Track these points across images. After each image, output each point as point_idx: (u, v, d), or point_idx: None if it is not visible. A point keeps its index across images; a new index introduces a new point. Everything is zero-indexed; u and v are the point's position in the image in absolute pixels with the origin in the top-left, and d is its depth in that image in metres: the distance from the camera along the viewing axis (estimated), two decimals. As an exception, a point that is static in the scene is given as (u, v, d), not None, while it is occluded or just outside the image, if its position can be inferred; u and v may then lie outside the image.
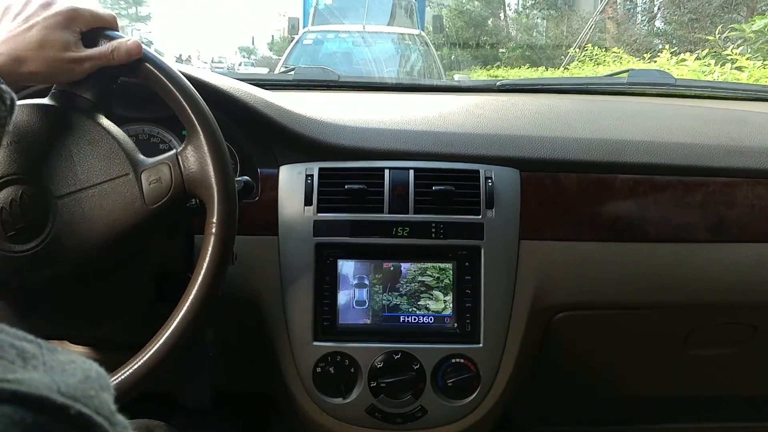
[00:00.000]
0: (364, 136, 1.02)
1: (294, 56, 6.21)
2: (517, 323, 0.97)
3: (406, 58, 6.80)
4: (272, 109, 0.99)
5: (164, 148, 1.07)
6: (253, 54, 24.47)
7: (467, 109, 1.15)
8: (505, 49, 13.34)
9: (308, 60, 6.01)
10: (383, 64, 6.04)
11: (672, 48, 6.26)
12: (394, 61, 6.63)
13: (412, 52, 6.78)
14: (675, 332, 1.08)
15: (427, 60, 6.64)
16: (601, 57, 7.71)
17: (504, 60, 12.37)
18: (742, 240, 1.02)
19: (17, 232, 0.75)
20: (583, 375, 1.14)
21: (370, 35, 6.67)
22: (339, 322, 0.96)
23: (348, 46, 6.63)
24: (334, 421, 0.97)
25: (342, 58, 6.30)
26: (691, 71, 4.47)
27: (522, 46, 13.17)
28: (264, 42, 25.30)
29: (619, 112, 1.19)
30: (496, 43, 13.98)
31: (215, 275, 0.76)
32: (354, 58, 6.25)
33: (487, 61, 12.28)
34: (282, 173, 0.99)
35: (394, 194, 0.97)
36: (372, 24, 7.04)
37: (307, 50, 6.38)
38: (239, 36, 48.68)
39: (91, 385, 0.29)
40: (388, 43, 6.86)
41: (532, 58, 11.63)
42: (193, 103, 0.77)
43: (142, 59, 0.77)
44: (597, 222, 1.00)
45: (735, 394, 1.22)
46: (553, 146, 1.01)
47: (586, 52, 8.00)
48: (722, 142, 1.05)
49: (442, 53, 7.51)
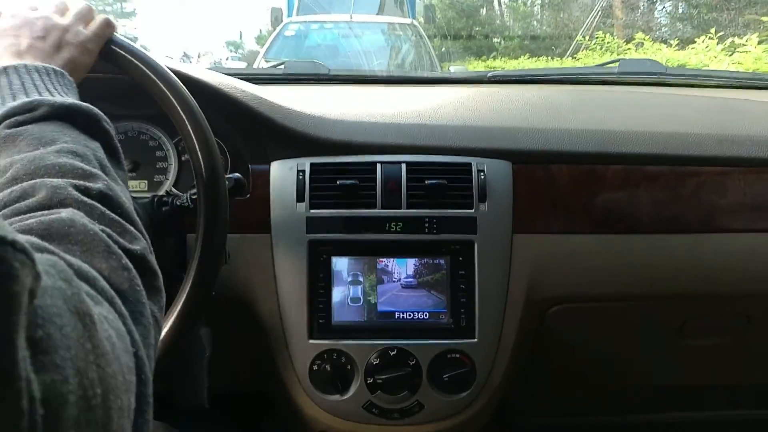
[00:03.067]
0: (355, 130, 1.01)
1: (275, 49, 5.72)
2: (512, 317, 0.97)
3: (397, 50, 6.38)
4: (262, 104, 0.98)
5: (153, 145, 1.06)
6: (241, 48, 24.27)
7: (458, 101, 1.15)
8: (501, 38, 12.90)
9: (290, 53, 5.57)
10: (373, 56, 5.65)
11: (710, 33, 5.38)
12: (385, 52, 6.23)
13: (404, 43, 6.36)
14: (669, 323, 1.08)
15: (420, 51, 6.23)
16: (613, 44, 7.16)
17: (500, 50, 11.94)
18: (734, 230, 1.02)
19: None
20: (578, 367, 1.15)
21: (358, 25, 6.21)
22: (334, 319, 0.96)
23: (334, 37, 6.13)
24: (332, 417, 0.97)
25: (327, 51, 5.78)
26: (756, 59, 3.99)
27: (520, 35, 12.70)
28: (252, 36, 25.09)
29: (610, 102, 1.19)
30: (491, 32, 13.51)
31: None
32: (341, 50, 5.77)
33: (480, 52, 11.88)
34: (273, 169, 0.98)
35: (386, 189, 0.96)
36: (360, 14, 6.59)
37: (289, 42, 5.91)
38: (226, 30, 48.37)
39: None
40: (377, 33, 6.42)
41: (531, 48, 11.15)
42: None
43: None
44: (589, 214, 1.00)
45: (730, 383, 1.23)
46: (545, 138, 1.01)
47: (598, 40, 7.46)
48: (714, 131, 1.05)
49: (433, 45, 7.18)
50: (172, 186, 1.05)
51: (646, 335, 1.11)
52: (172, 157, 1.05)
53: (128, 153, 1.04)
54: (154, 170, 1.06)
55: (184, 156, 1.05)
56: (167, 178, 1.05)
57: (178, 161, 1.05)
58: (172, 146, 1.05)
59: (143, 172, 1.05)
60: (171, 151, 1.05)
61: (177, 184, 1.05)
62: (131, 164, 1.04)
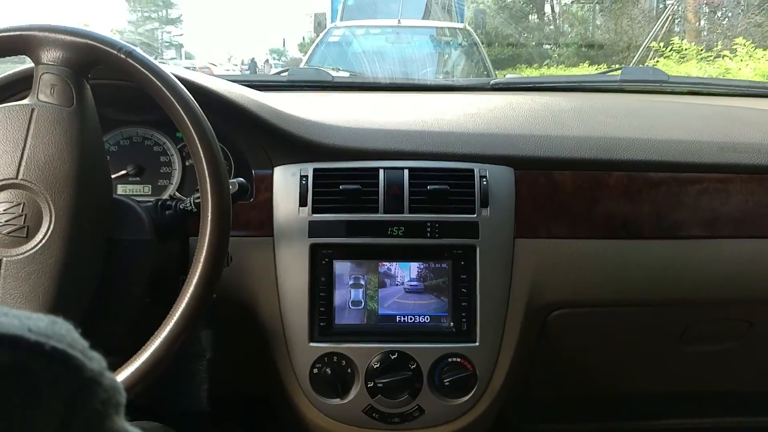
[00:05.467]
0: (358, 137, 1.02)
1: (318, 56, 5.22)
2: (513, 322, 0.97)
3: (449, 56, 5.88)
4: (265, 111, 0.98)
5: (158, 150, 1.07)
6: (284, 56, 24.27)
7: (461, 108, 1.16)
8: (554, 45, 12.03)
9: (334, 60, 5.01)
10: (422, 64, 5.24)
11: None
12: (435, 59, 5.73)
13: (455, 49, 5.87)
14: (671, 328, 1.08)
15: (473, 58, 5.72)
16: (691, 51, 6.42)
17: (554, 57, 11.15)
18: (736, 236, 1.02)
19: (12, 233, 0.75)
20: (579, 372, 1.15)
21: (406, 30, 5.70)
22: (335, 322, 0.96)
23: (381, 43, 5.62)
24: (332, 421, 0.97)
25: (373, 58, 5.25)
26: None
27: (576, 42, 11.71)
28: (295, 43, 25.05)
29: (612, 110, 1.19)
30: (543, 39, 12.61)
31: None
32: (388, 56, 5.25)
33: (531, 60, 11.08)
34: (276, 174, 0.99)
35: (388, 194, 0.97)
36: (407, 18, 5.99)
37: (332, 49, 5.39)
38: (270, 38, 48.13)
39: (60, 326, 0.29)
40: (427, 39, 5.91)
41: (590, 55, 10.29)
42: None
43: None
44: (591, 219, 1.00)
45: (731, 389, 1.22)
46: (547, 144, 1.02)
47: (675, 46, 6.65)
48: (715, 139, 1.06)
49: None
50: (176, 190, 1.06)
51: (648, 341, 1.11)
52: (176, 162, 1.06)
53: (133, 158, 1.06)
54: (158, 175, 1.07)
55: (188, 161, 1.06)
56: (171, 182, 1.06)
57: (183, 166, 1.06)
58: (177, 151, 1.06)
59: (147, 177, 1.06)
60: (175, 156, 1.06)
61: (181, 188, 1.06)
62: (135, 169, 1.06)
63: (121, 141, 1.07)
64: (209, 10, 51.82)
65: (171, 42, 29.80)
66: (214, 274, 0.76)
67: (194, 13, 52.50)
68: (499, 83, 1.46)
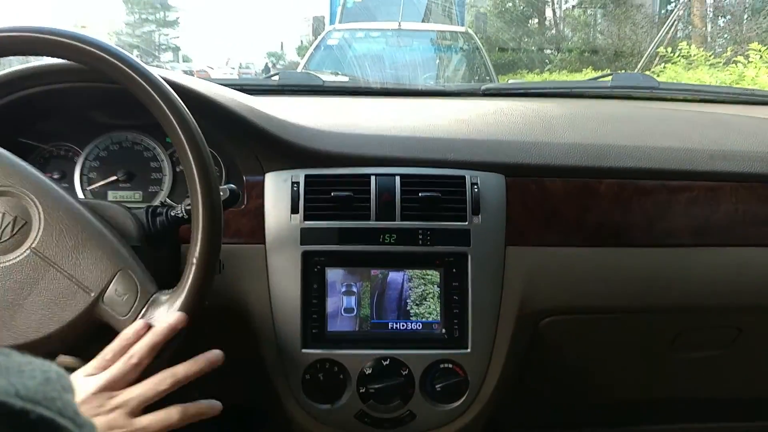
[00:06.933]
0: (350, 143, 1.02)
1: (316, 59, 5.16)
2: (505, 328, 0.98)
3: (449, 60, 5.80)
4: (256, 116, 0.98)
5: (148, 155, 1.06)
6: (281, 59, 24.18)
7: (453, 114, 1.16)
8: (556, 50, 11.79)
9: (332, 64, 4.97)
10: (424, 68, 5.19)
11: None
12: (437, 63, 5.67)
13: (457, 53, 5.82)
14: (661, 335, 1.09)
15: (474, 63, 5.67)
16: (699, 57, 6.23)
17: (556, 62, 10.98)
18: (725, 244, 1.03)
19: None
20: (570, 379, 1.15)
21: (407, 34, 5.65)
22: (327, 329, 0.96)
23: (380, 46, 5.56)
24: (324, 427, 0.97)
25: (374, 61, 5.10)
26: None
27: (579, 47, 11.54)
28: (293, 47, 24.96)
29: (603, 116, 1.20)
30: (544, 43, 12.40)
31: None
32: (388, 60, 5.17)
33: (532, 65, 10.98)
34: (268, 181, 0.99)
35: (380, 201, 0.97)
36: (408, 21, 5.95)
37: (331, 52, 5.31)
38: (268, 41, 48.05)
39: (52, 386, 0.27)
40: (427, 42, 5.86)
41: (592, 60, 10.18)
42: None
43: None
44: (582, 227, 1.01)
45: (722, 395, 1.23)
46: (538, 151, 1.02)
47: (683, 51, 6.46)
48: (706, 146, 1.06)
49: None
50: (167, 197, 1.05)
51: (639, 348, 1.11)
52: (166, 168, 1.06)
53: (123, 163, 1.05)
54: (148, 181, 1.06)
55: (178, 167, 1.05)
56: (162, 188, 1.06)
57: (173, 172, 1.06)
58: (167, 157, 1.06)
59: (138, 183, 1.06)
60: (166, 162, 1.06)
61: (172, 194, 1.05)
62: (125, 174, 1.05)
63: (110, 146, 1.06)
64: (207, 13, 51.74)
65: (168, 45, 29.69)
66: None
67: (192, 16, 52.38)
68: (491, 89, 1.46)
